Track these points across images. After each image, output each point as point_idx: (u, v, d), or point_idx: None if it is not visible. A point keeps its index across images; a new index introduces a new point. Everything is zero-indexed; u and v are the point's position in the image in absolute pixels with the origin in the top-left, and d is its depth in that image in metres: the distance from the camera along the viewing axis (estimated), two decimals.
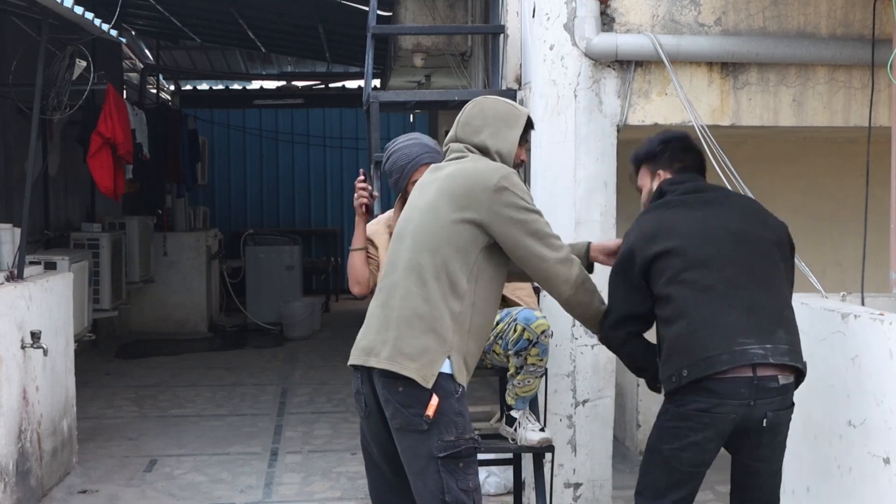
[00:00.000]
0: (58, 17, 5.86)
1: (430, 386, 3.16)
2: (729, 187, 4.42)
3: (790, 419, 3.38)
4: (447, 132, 3.60)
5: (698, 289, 3.32)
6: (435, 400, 3.15)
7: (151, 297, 11.37)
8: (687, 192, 3.55)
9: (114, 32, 6.84)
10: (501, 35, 5.63)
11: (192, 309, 11.67)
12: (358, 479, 6.00)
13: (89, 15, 6.09)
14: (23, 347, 5.24)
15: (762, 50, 4.91)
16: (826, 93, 4.99)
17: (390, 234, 3.99)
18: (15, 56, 7.54)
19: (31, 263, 6.05)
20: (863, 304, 3.91)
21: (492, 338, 4.09)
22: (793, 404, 3.36)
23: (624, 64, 4.91)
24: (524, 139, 3.51)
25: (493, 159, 3.41)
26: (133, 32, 12.33)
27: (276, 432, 7.15)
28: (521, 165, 3.57)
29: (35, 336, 5.32)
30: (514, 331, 4.03)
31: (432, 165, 3.56)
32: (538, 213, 3.35)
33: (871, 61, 4.71)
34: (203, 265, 11.72)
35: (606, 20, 4.91)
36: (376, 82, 10.77)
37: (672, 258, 3.38)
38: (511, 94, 5.37)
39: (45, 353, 5.41)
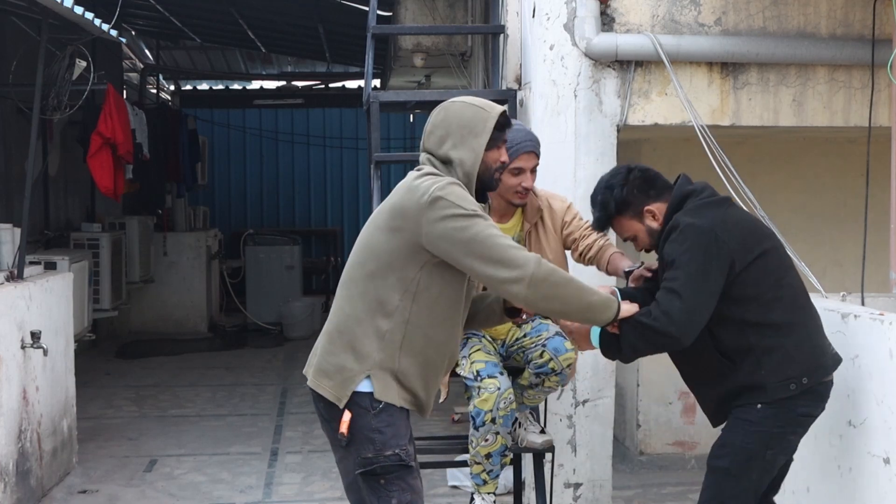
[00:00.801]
0: (58, 17, 5.86)
1: (342, 405, 3.09)
2: (729, 188, 4.42)
3: None
4: None
5: (801, 293, 3.36)
6: (346, 416, 3.07)
7: (151, 297, 11.37)
8: (716, 195, 3.45)
9: (114, 32, 6.84)
10: (501, 35, 5.63)
11: (192, 309, 11.67)
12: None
13: (89, 15, 6.09)
14: (23, 347, 5.24)
15: (762, 50, 4.91)
16: (826, 93, 4.99)
17: None
18: (15, 56, 7.53)
19: (31, 263, 6.05)
20: (863, 304, 3.91)
21: (514, 345, 4.06)
22: None
23: (624, 64, 4.91)
24: (498, 140, 3.27)
25: (455, 171, 3.19)
26: (133, 32, 12.32)
27: (276, 432, 7.15)
28: (503, 167, 3.35)
29: (35, 336, 5.32)
30: (541, 356, 3.97)
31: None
32: (479, 216, 3.07)
33: (871, 61, 4.71)
34: (203, 265, 11.72)
35: (606, 20, 4.91)
36: (376, 82, 10.77)
37: (772, 259, 3.33)
38: (511, 94, 5.38)
39: (45, 353, 5.41)
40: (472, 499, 4.05)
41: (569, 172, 4.89)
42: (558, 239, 4.09)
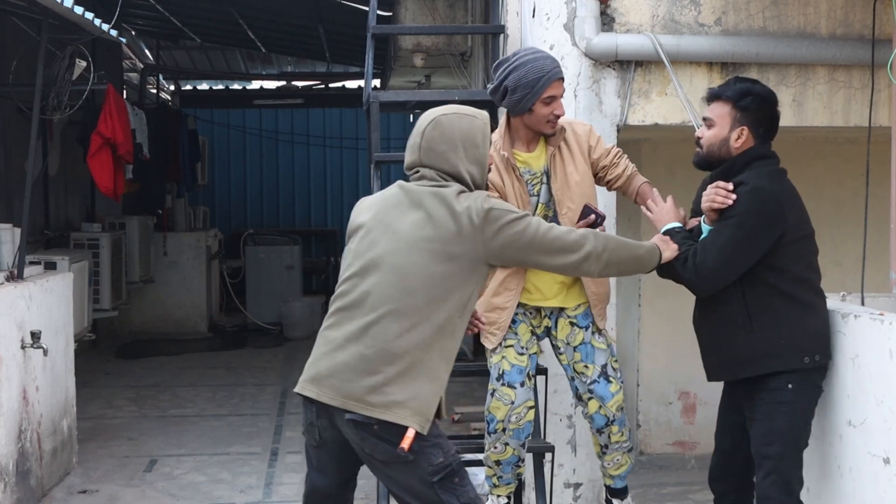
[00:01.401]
0: (58, 17, 5.86)
1: (426, 432, 3.10)
2: None
3: None
4: None
5: (819, 273, 3.65)
6: (411, 433, 3.07)
7: (151, 297, 11.37)
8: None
9: (114, 32, 6.84)
10: (501, 35, 5.63)
11: (192, 309, 11.67)
12: (357, 479, 5.99)
13: (89, 15, 6.09)
14: (23, 347, 5.24)
15: (762, 50, 4.91)
16: (826, 93, 4.99)
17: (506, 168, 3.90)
18: (15, 56, 7.54)
19: (31, 263, 6.05)
20: (863, 304, 3.91)
21: (563, 351, 4.05)
22: None
23: (624, 64, 4.91)
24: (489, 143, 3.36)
25: (468, 183, 3.25)
26: (133, 32, 12.32)
27: (276, 432, 7.16)
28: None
29: (35, 336, 5.32)
30: (587, 404, 3.99)
31: (405, 188, 3.31)
32: (527, 215, 3.26)
33: (871, 61, 4.70)
34: (203, 265, 11.72)
35: (606, 20, 4.91)
36: (376, 82, 10.78)
37: (812, 243, 3.61)
38: None
39: (45, 353, 5.41)
40: (487, 497, 4.08)
41: None
42: (584, 162, 4.00)
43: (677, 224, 3.71)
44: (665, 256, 3.54)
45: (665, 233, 3.66)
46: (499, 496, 4.06)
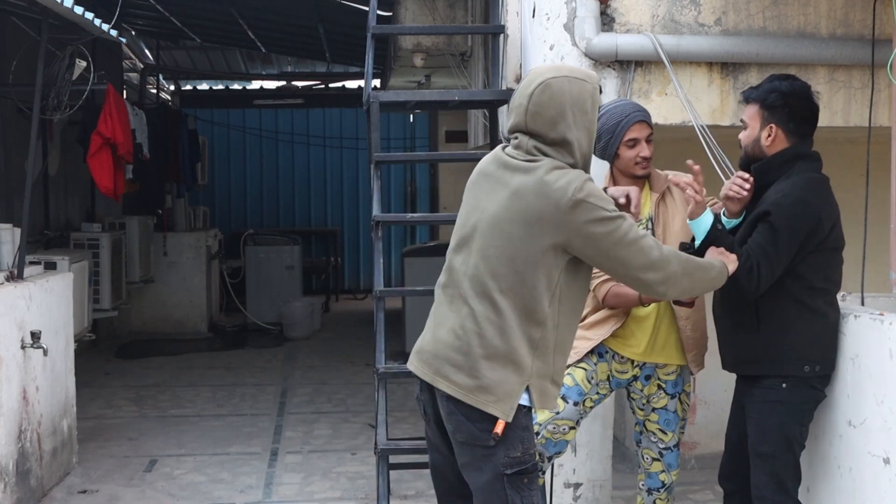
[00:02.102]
0: (58, 17, 5.86)
1: (510, 419, 3.04)
2: None
3: None
4: (447, 132, 3.56)
5: (837, 292, 3.66)
6: (502, 422, 3.04)
7: (151, 297, 11.37)
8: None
9: (114, 32, 6.84)
10: (501, 35, 5.63)
11: (192, 309, 11.67)
12: (358, 479, 6.00)
13: (89, 15, 6.09)
14: (23, 347, 5.24)
15: (762, 50, 4.91)
16: (826, 93, 4.99)
17: None
18: (15, 56, 7.54)
19: (31, 263, 6.05)
20: (863, 304, 3.90)
21: (637, 399, 4.03)
22: None
23: (624, 64, 4.91)
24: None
25: (573, 154, 3.10)
26: (133, 32, 12.33)
27: (276, 432, 7.15)
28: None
29: (35, 336, 5.32)
30: (650, 464, 3.99)
31: (500, 159, 3.17)
32: (621, 217, 3.07)
33: (871, 61, 4.70)
34: (203, 265, 11.72)
35: (606, 20, 4.91)
36: (376, 82, 10.78)
37: (838, 256, 3.65)
38: (511, 94, 5.37)
39: (45, 353, 5.41)
40: None
41: None
42: (685, 213, 3.93)
43: (709, 216, 3.63)
44: (731, 270, 3.45)
45: (708, 240, 3.58)
46: None
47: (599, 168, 3.90)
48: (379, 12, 6.55)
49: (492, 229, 3.10)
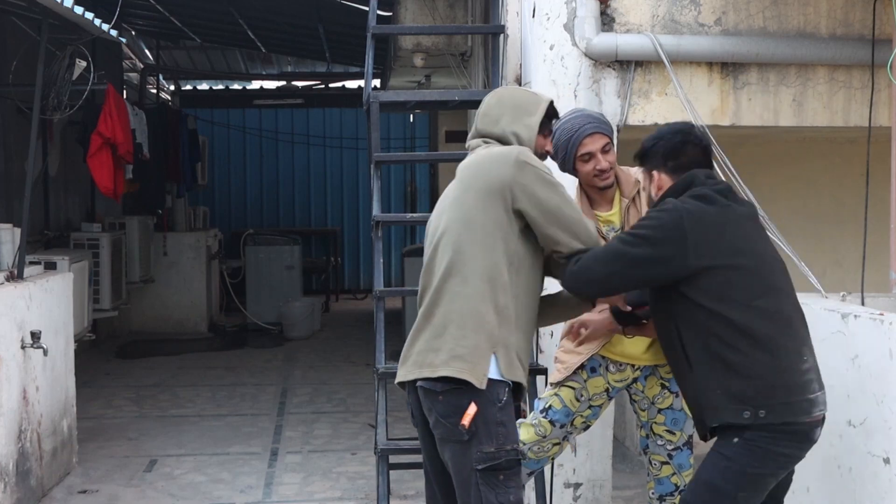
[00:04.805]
0: (58, 17, 5.86)
1: (483, 387, 3.06)
2: None
3: None
4: (447, 132, 3.58)
5: (781, 324, 3.09)
6: (472, 409, 3.06)
7: (151, 297, 11.37)
8: (726, 195, 3.22)
9: (114, 32, 6.84)
10: (501, 35, 5.63)
11: (192, 309, 11.67)
12: (358, 479, 6.00)
13: (89, 15, 6.09)
14: (23, 347, 5.24)
15: (762, 50, 4.91)
16: (826, 93, 4.99)
17: None
18: (15, 56, 7.54)
19: (31, 263, 6.05)
20: (863, 304, 3.91)
21: (644, 405, 3.98)
22: None
23: (624, 64, 4.91)
24: (546, 127, 3.39)
25: (511, 143, 3.29)
26: (133, 32, 12.32)
27: (276, 432, 7.15)
28: (546, 157, 3.45)
29: (35, 336, 5.32)
30: (660, 468, 3.91)
31: (458, 171, 3.37)
32: (560, 186, 3.23)
33: (871, 61, 4.71)
34: (203, 265, 11.72)
35: (606, 20, 4.91)
36: (376, 82, 10.77)
37: (739, 277, 3.09)
38: None
39: (45, 353, 5.40)
40: None
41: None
42: None
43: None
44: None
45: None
46: None
47: (570, 182, 3.86)
48: (379, 12, 6.54)
49: (453, 211, 3.24)
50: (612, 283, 3.25)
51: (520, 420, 3.88)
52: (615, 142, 3.96)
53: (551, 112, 3.40)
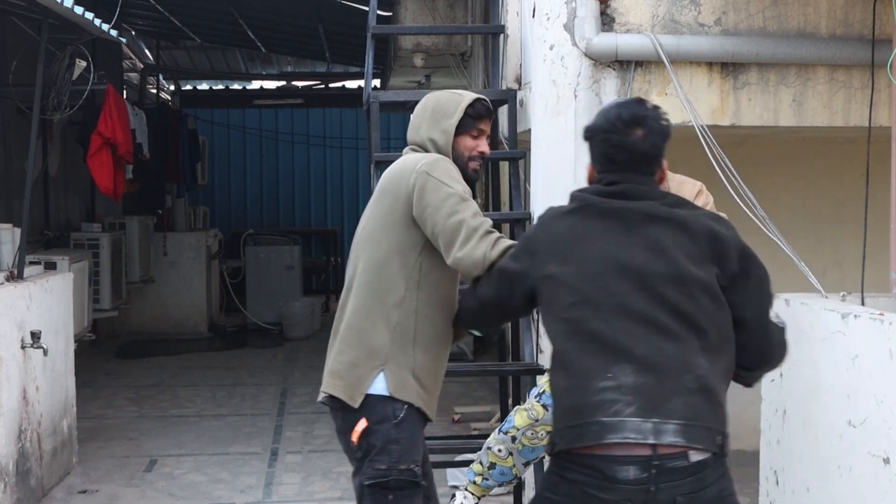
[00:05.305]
0: (58, 17, 5.86)
1: (356, 405, 2.99)
2: (729, 188, 4.42)
3: (728, 494, 2.59)
4: None
5: (582, 335, 2.61)
6: (360, 425, 2.98)
7: (151, 297, 11.37)
8: (612, 196, 2.73)
9: (114, 32, 6.84)
10: (501, 35, 5.64)
11: (192, 309, 11.68)
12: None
13: (89, 15, 6.09)
14: (23, 347, 5.24)
15: (762, 50, 4.91)
16: (826, 93, 4.99)
17: None
18: (15, 56, 7.54)
19: (31, 263, 6.05)
20: (863, 304, 3.91)
21: None
22: (714, 482, 2.53)
23: (624, 64, 4.91)
24: (471, 127, 3.19)
25: (428, 150, 3.20)
26: (133, 32, 12.33)
27: (276, 432, 7.15)
28: (480, 157, 3.23)
29: (35, 336, 5.32)
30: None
31: None
32: (457, 194, 3.00)
33: (871, 61, 4.71)
34: (203, 265, 11.72)
35: (606, 20, 4.91)
36: (376, 82, 10.78)
37: (551, 287, 2.69)
38: (511, 94, 5.38)
39: (45, 353, 5.40)
40: (454, 496, 3.97)
41: (569, 172, 4.89)
42: None
43: None
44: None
45: None
46: (472, 494, 3.92)
47: None
48: (379, 12, 6.55)
49: (362, 224, 3.22)
50: (491, 309, 2.97)
51: (516, 406, 3.94)
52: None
53: (479, 111, 3.20)
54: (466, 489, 3.98)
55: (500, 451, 3.91)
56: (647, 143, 2.80)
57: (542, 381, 3.99)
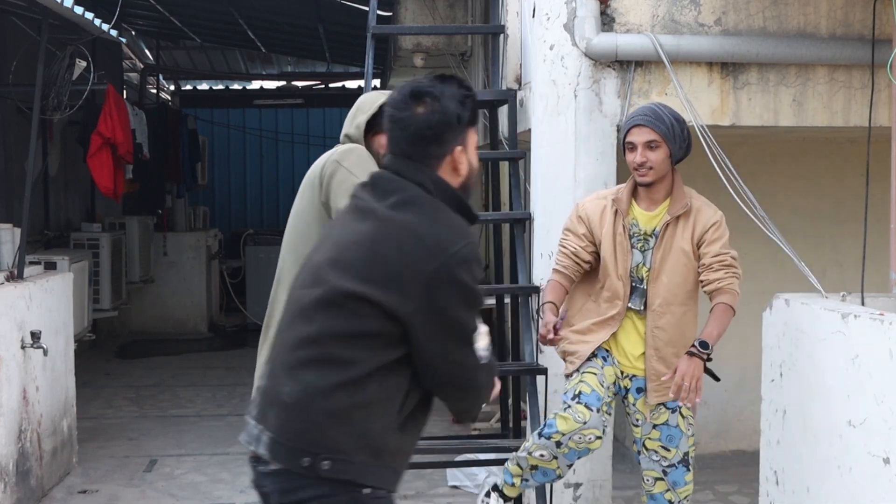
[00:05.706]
0: (58, 17, 5.86)
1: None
2: (729, 188, 4.42)
3: None
4: None
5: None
6: None
7: (151, 297, 11.37)
8: (364, 186, 2.49)
9: (114, 32, 6.84)
10: (501, 35, 5.63)
11: (192, 309, 11.68)
12: None
13: (89, 15, 6.09)
14: (23, 347, 5.24)
15: (762, 50, 4.91)
16: (826, 93, 4.99)
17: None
18: (15, 56, 7.54)
19: (31, 263, 6.05)
20: (863, 304, 3.90)
21: (638, 418, 3.95)
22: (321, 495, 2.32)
23: (624, 64, 4.91)
24: (381, 126, 3.08)
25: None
26: (133, 32, 12.32)
27: None
28: None
29: (35, 336, 5.32)
30: (654, 483, 3.87)
31: None
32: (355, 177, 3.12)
33: (871, 61, 4.70)
34: (203, 265, 11.72)
35: (606, 20, 4.91)
36: (376, 82, 10.76)
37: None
38: (511, 94, 5.38)
39: (45, 353, 5.40)
40: (489, 493, 3.91)
41: (569, 172, 4.89)
42: (690, 250, 3.86)
43: None
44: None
45: None
46: (507, 497, 3.88)
47: None
48: (379, 12, 6.54)
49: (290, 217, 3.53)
50: None
51: (554, 412, 3.87)
52: (668, 143, 3.89)
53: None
54: (502, 490, 3.90)
55: (542, 455, 3.79)
56: (424, 121, 2.40)
57: (570, 385, 3.89)
